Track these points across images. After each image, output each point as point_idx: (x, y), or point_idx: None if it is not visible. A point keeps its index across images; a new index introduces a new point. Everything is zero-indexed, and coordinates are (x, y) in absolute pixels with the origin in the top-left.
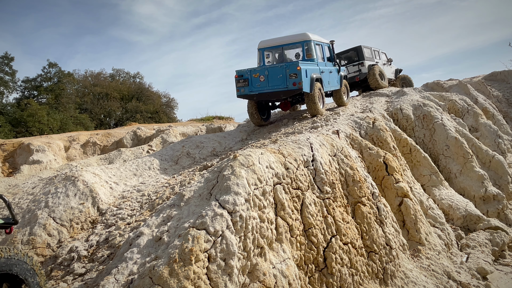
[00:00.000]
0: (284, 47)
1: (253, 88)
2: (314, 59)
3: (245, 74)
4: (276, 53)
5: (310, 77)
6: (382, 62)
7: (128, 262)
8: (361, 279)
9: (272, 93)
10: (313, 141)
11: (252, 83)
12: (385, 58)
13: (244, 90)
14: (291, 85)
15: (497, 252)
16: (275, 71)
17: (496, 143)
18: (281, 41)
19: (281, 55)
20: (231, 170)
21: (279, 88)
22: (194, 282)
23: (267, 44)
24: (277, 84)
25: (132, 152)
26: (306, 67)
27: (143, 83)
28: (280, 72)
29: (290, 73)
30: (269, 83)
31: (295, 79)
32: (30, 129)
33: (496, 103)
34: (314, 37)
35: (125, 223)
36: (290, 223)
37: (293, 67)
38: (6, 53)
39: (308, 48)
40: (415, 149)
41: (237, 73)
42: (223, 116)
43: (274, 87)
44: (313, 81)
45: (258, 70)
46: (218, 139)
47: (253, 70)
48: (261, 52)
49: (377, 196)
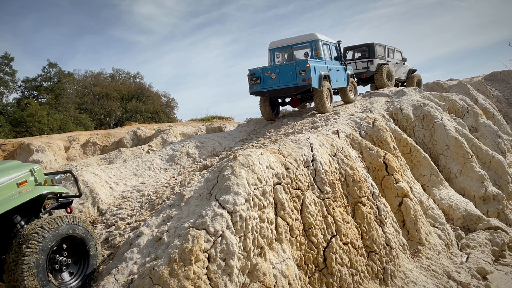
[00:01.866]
0: (293, 47)
1: (265, 85)
2: (322, 57)
3: (257, 72)
4: (285, 53)
5: (318, 74)
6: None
7: (128, 262)
8: (361, 279)
9: (283, 89)
10: (313, 141)
11: (264, 80)
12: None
13: (256, 87)
14: (301, 81)
15: (497, 252)
16: (285, 69)
17: (496, 143)
18: (290, 42)
19: (290, 54)
20: (231, 170)
21: (290, 85)
22: (194, 282)
23: (277, 45)
24: (287, 80)
25: (132, 152)
26: (315, 64)
27: (143, 83)
28: (290, 70)
29: (300, 70)
30: (280, 80)
31: (305, 75)
32: (30, 129)
33: (496, 103)
34: (321, 37)
35: (125, 223)
36: (290, 223)
37: (303, 64)
38: (6, 53)
39: (316, 47)
40: (415, 149)
41: (250, 72)
42: (223, 116)
43: (285, 84)
44: (321, 77)
45: (270, 68)
46: (218, 139)
47: (264, 68)
48: (272, 52)
49: (377, 196)
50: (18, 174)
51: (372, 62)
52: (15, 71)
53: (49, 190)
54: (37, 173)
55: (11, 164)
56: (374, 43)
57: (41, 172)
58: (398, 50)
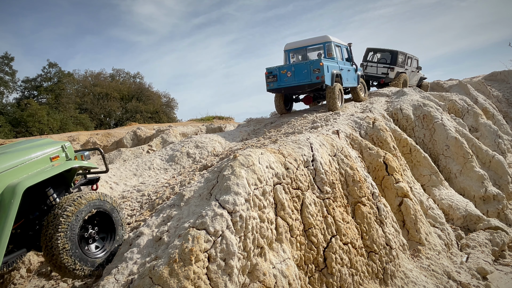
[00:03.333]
0: (307, 48)
1: (281, 83)
2: (334, 58)
3: (274, 71)
4: (299, 54)
5: (331, 73)
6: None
7: (128, 262)
8: (361, 279)
9: (298, 87)
10: (313, 141)
11: (280, 78)
12: (415, 65)
13: (273, 84)
14: (314, 78)
15: (497, 252)
16: (300, 67)
17: (496, 143)
18: (304, 43)
19: (304, 55)
20: (231, 170)
21: (304, 82)
22: (194, 282)
23: (292, 46)
24: (302, 78)
25: (132, 152)
26: (328, 63)
27: (143, 83)
28: (305, 68)
29: (314, 68)
30: (295, 78)
31: (318, 73)
32: (30, 129)
33: (496, 103)
34: (334, 39)
35: (125, 223)
36: (290, 223)
37: (317, 63)
38: (6, 53)
39: (328, 48)
40: (415, 149)
41: (267, 70)
42: (223, 116)
43: (299, 81)
44: (333, 76)
45: (286, 67)
46: (218, 139)
47: (281, 67)
48: (287, 53)
49: (377, 196)
50: (51, 149)
51: (392, 70)
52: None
53: (79, 164)
54: (68, 150)
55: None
56: (398, 51)
57: (71, 149)
58: (416, 58)
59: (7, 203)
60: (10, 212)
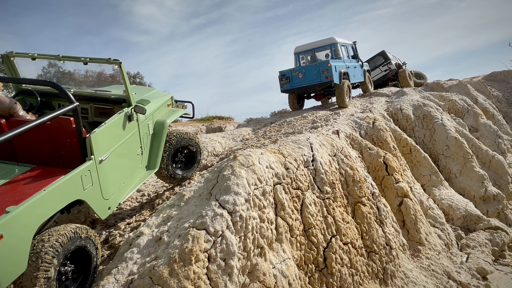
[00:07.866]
0: (315, 50)
1: (294, 84)
2: (341, 57)
3: (287, 73)
4: (308, 56)
5: (338, 72)
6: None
7: (128, 262)
8: (361, 279)
9: (309, 87)
10: (313, 141)
11: (292, 80)
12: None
13: (286, 86)
14: (324, 78)
15: (497, 252)
16: (311, 69)
17: (496, 143)
18: (312, 46)
19: (313, 56)
20: (231, 170)
21: (315, 82)
22: (194, 282)
23: (301, 49)
24: (313, 79)
25: None
26: (335, 63)
27: (143, 83)
28: (315, 69)
29: (323, 69)
30: (306, 78)
31: (327, 73)
32: None
33: (496, 103)
34: (339, 39)
35: (125, 223)
36: (290, 223)
37: (325, 64)
38: None
39: (335, 49)
40: (415, 149)
41: (280, 73)
42: (223, 116)
43: (310, 82)
44: (341, 74)
45: (297, 69)
46: (218, 139)
47: (293, 69)
48: (297, 56)
49: (377, 196)
50: (168, 97)
51: (390, 63)
52: None
53: (184, 112)
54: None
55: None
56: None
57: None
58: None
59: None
60: (162, 137)
